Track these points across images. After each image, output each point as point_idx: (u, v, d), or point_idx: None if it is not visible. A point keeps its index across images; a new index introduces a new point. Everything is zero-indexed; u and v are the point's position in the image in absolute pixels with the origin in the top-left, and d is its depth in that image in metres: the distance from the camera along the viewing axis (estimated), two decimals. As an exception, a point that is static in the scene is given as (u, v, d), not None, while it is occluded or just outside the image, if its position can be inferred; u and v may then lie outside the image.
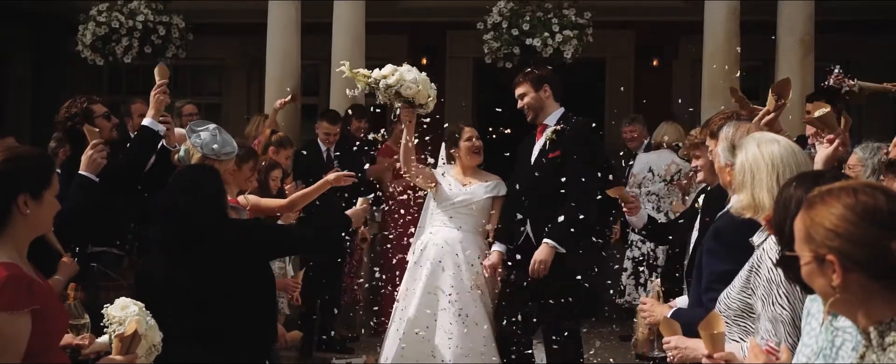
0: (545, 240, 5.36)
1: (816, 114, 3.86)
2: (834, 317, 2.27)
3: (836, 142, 3.67)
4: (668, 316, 3.51)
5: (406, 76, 5.20)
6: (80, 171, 4.46)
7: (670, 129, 8.14)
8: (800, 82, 8.66)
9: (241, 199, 5.26)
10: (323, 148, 8.00)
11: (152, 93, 5.09)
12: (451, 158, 5.93)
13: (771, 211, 2.63)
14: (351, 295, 8.26)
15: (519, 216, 5.60)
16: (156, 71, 5.18)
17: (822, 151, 3.67)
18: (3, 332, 2.65)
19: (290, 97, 8.54)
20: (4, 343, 2.67)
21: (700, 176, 4.46)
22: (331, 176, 5.43)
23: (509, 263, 5.60)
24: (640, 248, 7.83)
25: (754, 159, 3.05)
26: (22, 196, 2.77)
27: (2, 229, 2.76)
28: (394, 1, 11.24)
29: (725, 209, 3.68)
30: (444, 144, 6.01)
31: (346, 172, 5.48)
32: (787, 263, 2.29)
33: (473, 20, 9.14)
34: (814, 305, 2.43)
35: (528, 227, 5.54)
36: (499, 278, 5.68)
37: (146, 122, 5.06)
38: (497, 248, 5.68)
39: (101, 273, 4.25)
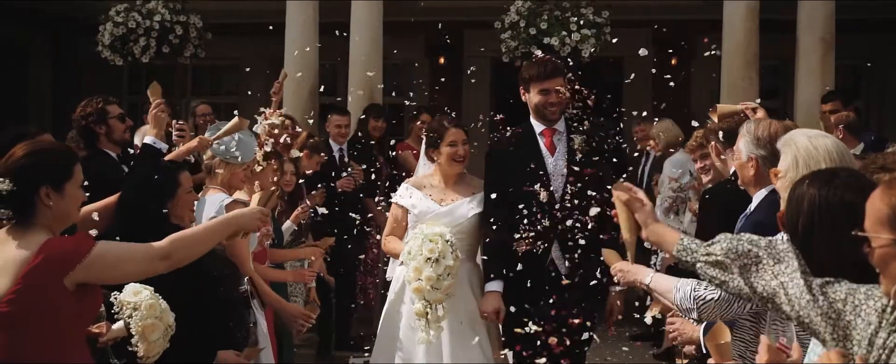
0: (613, 289, 4.70)
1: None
2: None
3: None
4: (701, 332, 3.45)
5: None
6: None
7: (672, 125, 8.06)
8: (820, 81, 8.60)
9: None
10: (335, 147, 7.96)
11: (151, 112, 5.09)
12: (431, 159, 4.96)
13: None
14: (366, 293, 8.26)
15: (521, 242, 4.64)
16: (149, 91, 5.19)
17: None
18: (114, 254, 2.92)
19: (283, 75, 8.31)
20: (125, 256, 2.96)
21: (709, 175, 4.42)
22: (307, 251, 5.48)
23: (521, 310, 4.69)
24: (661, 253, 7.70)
25: (807, 153, 2.91)
26: (44, 188, 2.89)
27: (31, 220, 2.90)
28: (411, 0, 11.23)
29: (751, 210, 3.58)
30: (424, 142, 5.06)
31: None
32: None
33: (491, 19, 9.12)
34: (825, 305, 2.39)
35: (557, 252, 4.67)
36: (501, 323, 4.72)
37: (148, 140, 5.06)
38: (493, 287, 4.69)
39: None
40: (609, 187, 4.13)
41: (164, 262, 3.00)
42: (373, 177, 7.44)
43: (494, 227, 4.66)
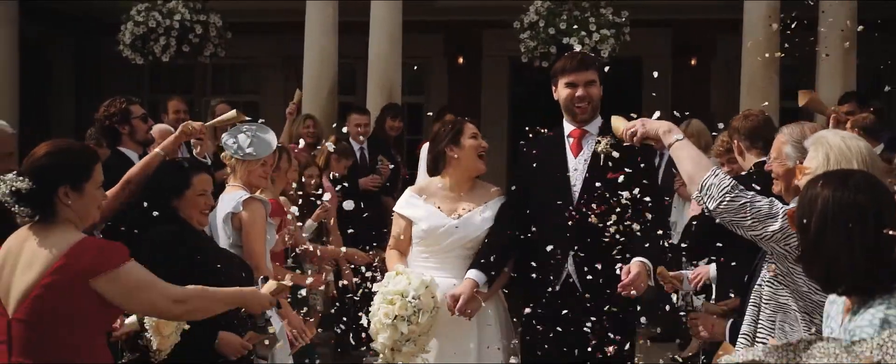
0: (638, 258, 3.96)
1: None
2: (851, 317, 2.24)
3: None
4: (727, 328, 3.44)
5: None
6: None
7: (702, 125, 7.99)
8: (841, 81, 8.54)
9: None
10: (356, 146, 7.99)
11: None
12: (435, 168, 4.40)
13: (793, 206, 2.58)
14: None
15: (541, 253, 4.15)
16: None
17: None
18: (137, 278, 2.90)
19: (298, 97, 8.51)
20: (145, 284, 2.92)
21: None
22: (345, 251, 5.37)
23: (536, 323, 4.20)
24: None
25: (840, 151, 2.87)
26: (63, 188, 2.92)
27: (53, 218, 2.93)
28: (430, 0, 11.25)
29: None
30: (425, 148, 4.54)
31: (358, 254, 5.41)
32: (807, 260, 2.25)
33: (510, 19, 9.11)
34: (833, 308, 2.42)
35: (571, 267, 4.14)
36: (458, 315, 4.07)
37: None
38: (471, 275, 4.12)
39: None
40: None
41: (179, 305, 3.01)
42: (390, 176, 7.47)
43: (504, 224, 4.23)
